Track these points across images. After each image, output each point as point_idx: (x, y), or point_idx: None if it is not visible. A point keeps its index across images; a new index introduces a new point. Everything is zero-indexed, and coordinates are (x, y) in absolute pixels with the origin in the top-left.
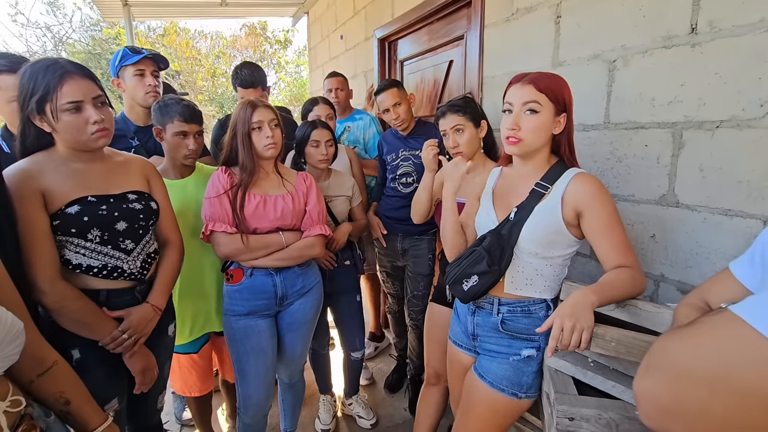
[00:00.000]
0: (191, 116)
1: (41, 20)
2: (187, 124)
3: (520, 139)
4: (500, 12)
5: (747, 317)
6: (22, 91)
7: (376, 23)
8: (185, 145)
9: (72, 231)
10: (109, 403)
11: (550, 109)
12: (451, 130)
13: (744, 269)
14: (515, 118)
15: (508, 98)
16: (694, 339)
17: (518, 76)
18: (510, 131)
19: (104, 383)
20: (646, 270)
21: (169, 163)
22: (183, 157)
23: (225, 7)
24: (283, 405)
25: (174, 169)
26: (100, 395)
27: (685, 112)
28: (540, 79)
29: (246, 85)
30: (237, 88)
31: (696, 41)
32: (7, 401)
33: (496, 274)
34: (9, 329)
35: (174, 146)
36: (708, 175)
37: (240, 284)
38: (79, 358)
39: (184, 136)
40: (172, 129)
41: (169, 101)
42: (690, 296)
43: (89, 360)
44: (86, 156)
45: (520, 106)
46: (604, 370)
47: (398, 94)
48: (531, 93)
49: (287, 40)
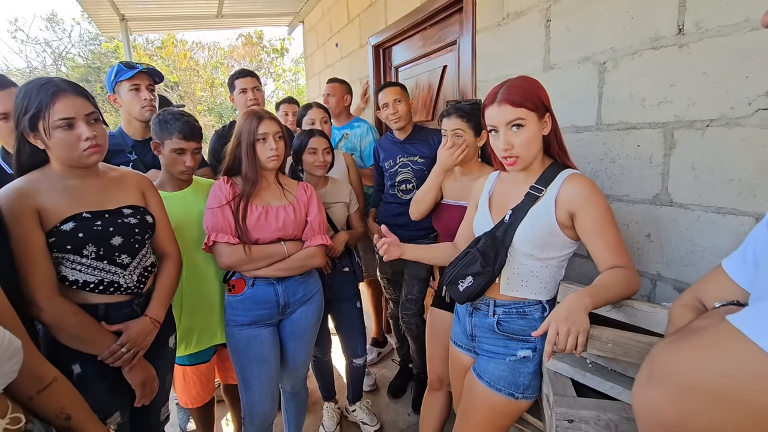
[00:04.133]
0: (191, 133)
1: (41, 36)
2: (186, 141)
3: (517, 156)
4: (491, 17)
5: (747, 331)
6: (16, 109)
7: (371, 30)
8: (182, 162)
9: (67, 248)
10: (111, 416)
11: (533, 118)
12: (451, 132)
13: (736, 267)
14: (505, 138)
15: (490, 121)
16: (696, 352)
17: (490, 95)
18: (505, 152)
19: (106, 397)
20: (642, 269)
21: (165, 176)
22: (179, 173)
23: (221, 18)
24: (286, 414)
25: (171, 182)
26: (103, 409)
27: (675, 112)
28: (512, 93)
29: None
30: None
31: (683, 42)
32: (7, 419)
33: (489, 275)
34: (6, 347)
35: (171, 162)
36: (700, 173)
37: (242, 294)
38: (80, 372)
39: (181, 153)
40: (171, 145)
41: (169, 116)
42: (684, 296)
43: (90, 374)
44: (81, 172)
45: (504, 126)
46: (603, 371)
47: (401, 93)
48: (510, 112)
49: (284, 48)
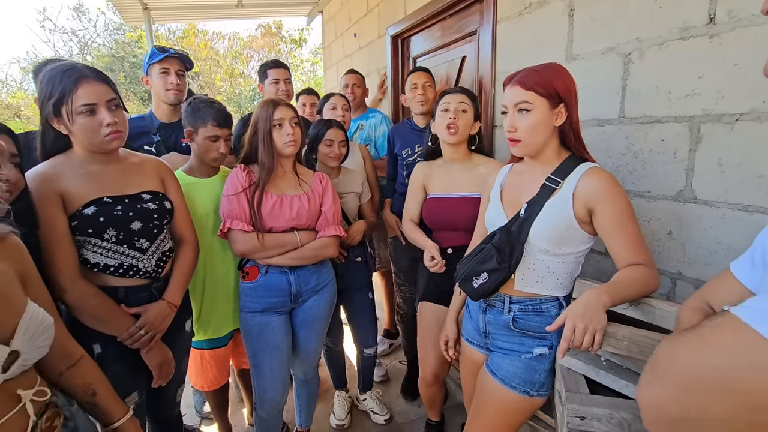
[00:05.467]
0: (224, 121)
1: (67, 25)
2: (220, 128)
3: (518, 140)
4: (513, 6)
5: (749, 320)
6: (41, 94)
7: (389, 20)
8: (216, 149)
9: (89, 231)
10: (129, 396)
11: (542, 105)
12: (458, 104)
13: (745, 270)
14: (510, 120)
15: (504, 101)
16: (697, 344)
17: (510, 76)
18: (508, 133)
19: (124, 377)
20: (662, 268)
21: (196, 162)
22: (212, 160)
23: (241, 8)
24: (298, 401)
25: (201, 168)
26: (121, 388)
27: (702, 105)
28: (527, 76)
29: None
30: (267, 71)
31: (714, 32)
32: (34, 389)
33: (506, 271)
34: (41, 322)
35: (205, 149)
36: (727, 169)
37: (255, 281)
38: (100, 352)
39: (215, 140)
40: (205, 132)
41: (201, 104)
42: (692, 299)
43: (109, 354)
44: (102, 158)
45: (512, 107)
46: (617, 369)
47: (431, 79)
48: (519, 93)
49: (302, 38)
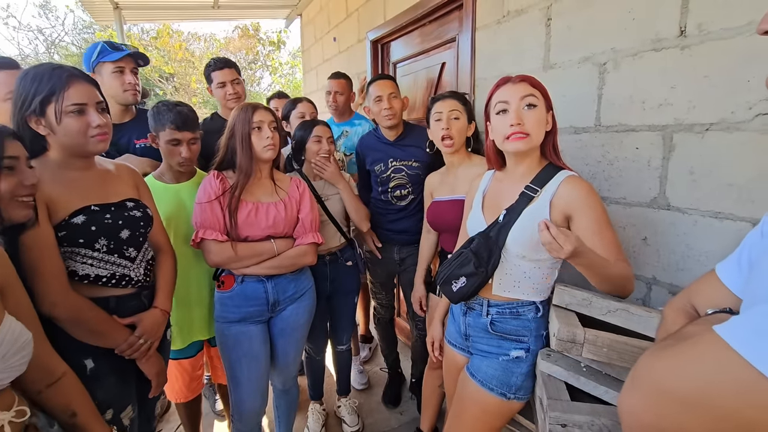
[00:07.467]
0: (184, 124)
1: (33, 23)
2: (179, 131)
3: (527, 133)
4: (491, 14)
5: (730, 340)
6: (23, 92)
7: (369, 25)
8: (178, 153)
9: (80, 241)
10: (125, 410)
11: (542, 106)
12: (449, 112)
13: (730, 273)
14: (516, 114)
15: (501, 97)
16: (677, 359)
17: (504, 78)
18: (513, 127)
19: (120, 391)
20: (638, 273)
21: (165, 167)
22: (177, 164)
23: (217, 9)
24: (277, 412)
25: (170, 172)
26: (117, 402)
27: (675, 115)
28: (529, 77)
29: (220, 66)
30: (210, 75)
31: (685, 44)
32: (12, 411)
33: (483, 275)
34: (16, 339)
35: (167, 153)
36: (698, 177)
37: (231, 291)
38: (93, 367)
39: (176, 144)
40: (165, 136)
41: (163, 107)
42: (677, 299)
43: (104, 369)
44: (79, 163)
45: (517, 101)
46: (597, 375)
47: (396, 87)
48: (527, 88)
49: (281, 41)
